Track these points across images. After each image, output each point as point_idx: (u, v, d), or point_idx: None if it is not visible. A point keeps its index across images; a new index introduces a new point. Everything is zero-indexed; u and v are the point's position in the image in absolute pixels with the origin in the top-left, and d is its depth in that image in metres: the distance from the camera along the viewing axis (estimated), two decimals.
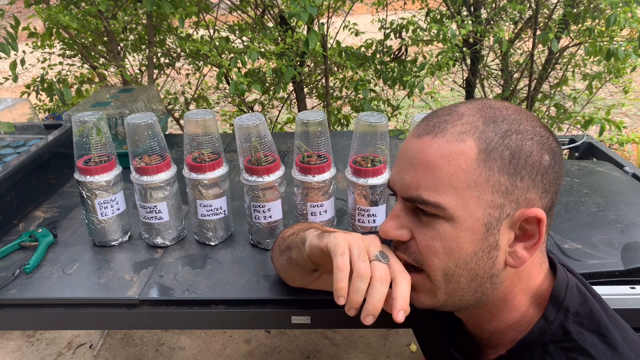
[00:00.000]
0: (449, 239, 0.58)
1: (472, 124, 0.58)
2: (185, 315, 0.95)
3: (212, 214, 1.08)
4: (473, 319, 0.69)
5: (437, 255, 0.59)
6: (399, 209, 0.63)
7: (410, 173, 0.60)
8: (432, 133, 0.59)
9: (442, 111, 0.62)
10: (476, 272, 0.60)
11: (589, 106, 2.54)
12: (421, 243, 0.60)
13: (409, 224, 0.62)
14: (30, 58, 2.11)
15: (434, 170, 0.57)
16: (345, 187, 1.10)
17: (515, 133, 0.58)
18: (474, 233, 0.58)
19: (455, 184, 0.56)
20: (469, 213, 0.57)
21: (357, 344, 2.09)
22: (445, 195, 0.57)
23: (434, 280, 0.61)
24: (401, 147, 0.64)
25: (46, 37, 2.10)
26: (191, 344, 2.12)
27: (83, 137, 1.05)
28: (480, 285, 0.61)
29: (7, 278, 1.01)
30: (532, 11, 2.17)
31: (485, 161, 0.56)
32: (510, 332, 0.64)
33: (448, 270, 0.60)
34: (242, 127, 1.00)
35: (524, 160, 0.57)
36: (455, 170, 0.56)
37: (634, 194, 1.28)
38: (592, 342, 0.58)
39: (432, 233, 0.59)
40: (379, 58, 2.22)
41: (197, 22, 2.34)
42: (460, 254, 0.58)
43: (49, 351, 2.09)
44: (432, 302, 0.63)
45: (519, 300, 0.64)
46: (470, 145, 0.56)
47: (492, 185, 0.56)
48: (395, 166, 0.64)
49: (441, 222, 0.58)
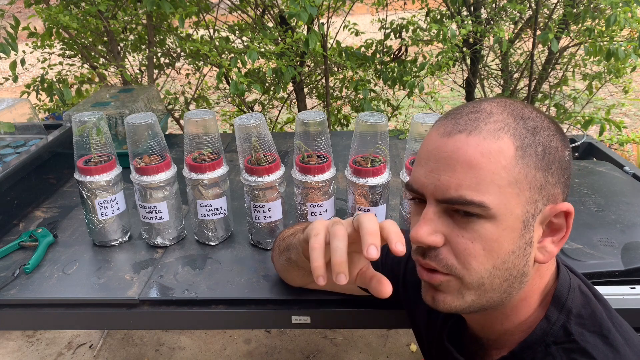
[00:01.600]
0: (491, 239, 0.56)
1: (504, 121, 0.57)
2: (185, 315, 0.95)
3: (212, 214, 1.08)
4: (484, 321, 0.67)
5: (477, 258, 0.57)
6: (431, 212, 0.59)
7: (447, 173, 0.57)
8: (465, 131, 0.57)
9: (467, 109, 0.60)
10: (511, 272, 0.58)
11: (589, 106, 2.54)
12: (459, 247, 0.57)
13: (443, 228, 0.58)
14: (30, 58, 2.11)
15: (475, 168, 0.55)
16: (345, 187, 1.10)
17: (542, 129, 0.58)
18: (514, 231, 0.57)
19: (498, 181, 0.55)
20: (509, 211, 0.56)
21: (357, 344, 2.09)
22: (489, 194, 0.55)
23: (467, 282, 0.59)
24: (426, 147, 0.61)
25: (46, 37, 2.10)
26: (191, 344, 2.12)
27: (83, 137, 1.05)
28: (510, 285, 0.59)
29: (7, 278, 1.01)
30: (532, 11, 2.17)
31: (522, 158, 0.56)
32: (517, 332, 0.64)
33: (485, 272, 0.58)
34: (242, 127, 1.00)
35: (552, 156, 0.58)
36: (497, 168, 0.55)
37: (634, 194, 1.28)
38: (594, 343, 0.58)
39: (472, 235, 0.57)
40: (379, 58, 2.22)
41: (197, 22, 2.34)
42: (500, 254, 0.57)
43: (49, 351, 2.10)
44: (459, 303, 0.60)
45: (533, 300, 0.63)
46: (507, 142, 0.56)
47: (529, 181, 0.56)
48: (421, 168, 0.60)
49: (481, 222, 0.56)
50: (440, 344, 0.73)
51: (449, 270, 0.59)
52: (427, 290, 0.63)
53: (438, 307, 0.62)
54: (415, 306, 0.81)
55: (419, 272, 0.63)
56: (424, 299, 0.64)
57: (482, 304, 0.60)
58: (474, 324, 0.70)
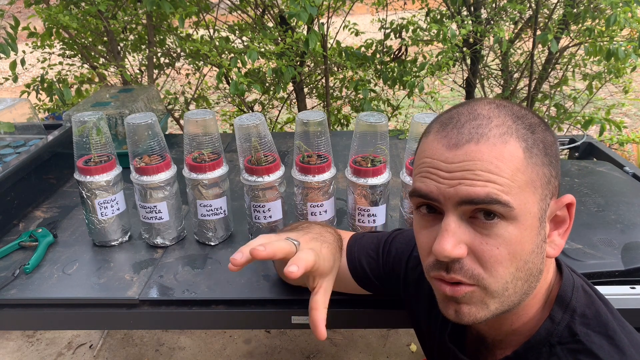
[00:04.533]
0: (515, 241, 0.56)
1: (505, 124, 0.57)
2: (185, 315, 0.95)
3: (212, 214, 1.08)
4: (493, 322, 0.64)
5: (502, 263, 0.56)
6: (452, 223, 0.56)
7: (469, 176, 0.55)
8: (472, 140, 0.56)
9: (465, 117, 0.58)
10: (531, 271, 0.58)
11: (589, 106, 2.54)
12: (485, 255, 0.56)
13: (465, 237, 0.56)
14: (30, 58, 2.11)
15: (493, 172, 0.55)
16: (345, 187, 1.10)
17: (536, 126, 0.58)
18: (533, 230, 0.57)
19: (517, 183, 0.55)
20: (528, 210, 0.56)
21: (357, 344, 2.09)
22: (511, 195, 0.55)
23: (492, 291, 0.57)
24: (431, 159, 0.59)
25: (46, 37, 2.10)
26: (191, 344, 2.12)
27: (83, 137, 1.05)
28: (530, 286, 0.59)
29: (7, 278, 1.00)
30: (532, 11, 2.17)
31: (530, 157, 0.56)
32: (522, 332, 0.63)
33: (509, 276, 0.57)
34: (242, 127, 1.00)
35: (550, 150, 0.59)
36: (514, 171, 0.55)
37: (634, 194, 1.28)
38: (599, 344, 0.57)
39: (497, 241, 0.56)
40: (379, 58, 2.22)
41: (197, 22, 2.34)
42: (522, 255, 0.57)
43: (49, 351, 2.09)
44: (484, 314, 0.59)
45: (539, 299, 0.63)
46: (515, 145, 0.56)
47: (540, 178, 0.57)
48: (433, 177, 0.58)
49: (504, 225, 0.55)
50: (442, 343, 0.73)
51: (475, 280, 0.57)
52: (448, 304, 0.60)
53: (463, 321, 0.59)
54: (416, 305, 0.81)
55: (440, 287, 0.60)
56: (446, 314, 0.61)
57: (505, 309, 0.59)
58: (482, 324, 0.68)
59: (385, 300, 0.92)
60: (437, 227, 0.58)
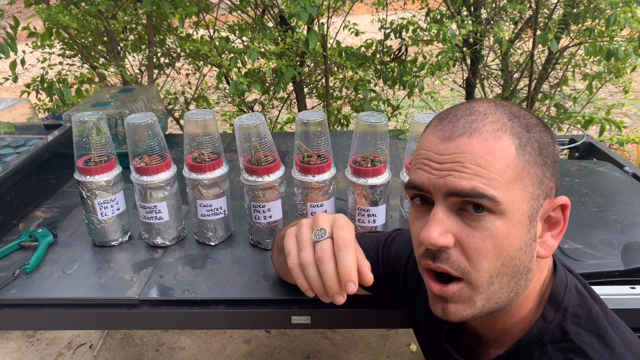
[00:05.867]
0: (501, 236, 0.56)
1: (499, 121, 0.58)
2: (185, 315, 0.95)
3: (212, 214, 1.08)
4: (487, 320, 0.66)
5: (487, 257, 0.57)
6: (440, 212, 0.58)
7: (457, 169, 0.56)
8: (465, 134, 0.57)
9: (461, 112, 0.60)
10: (518, 269, 0.59)
11: (589, 106, 2.54)
12: (471, 247, 0.57)
13: (453, 227, 0.58)
14: (30, 58, 2.11)
15: (483, 166, 0.55)
16: (345, 187, 1.10)
17: (534, 126, 0.59)
18: (521, 227, 0.57)
19: (505, 178, 0.56)
20: (517, 207, 0.56)
21: (357, 344, 2.09)
22: (499, 190, 0.55)
23: (477, 285, 0.58)
24: (426, 151, 0.60)
25: (46, 37, 2.10)
26: (191, 344, 2.12)
27: (83, 137, 1.05)
28: (517, 283, 0.60)
29: (7, 278, 1.01)
30: (532, 11, 2.17)
31: (523, 155, 0.57)
32: (515, 331, 0.64)
33: (494, 271, 0.57)
34: (242, 127, 1.00)
35: (546, 150, 0.59)
36: (503, 167, 0.56)
37: (634, 194, 1.28)
38: (590, 343, 0.58)
39: (483, 234, 0.56)
40: (379, 58, 2.22)
41: (197, 22, 2.34)
42: (509, 251, 0.57)
43: (49, 351, 2.09)
44: (470, 311, 0.60)
45: (533, 298, 0.63)
46: (507, 141, 0.56)
47: (531, 177, 0.57)
48: (425, 168, 0.59)
49: (492, 219, 0.56)
50: (439, 343, 0.73)
51: (460, 272, 0.58)
52: (437, 302, 0.62)
53: (449, 318, 0.61)
54: (415, 305, 0.81)
55: (429, 285, 0.62)
56: (434, 310, 0.63)
57: (492, 306, 0.60)
58: (476, 322, 0.69)
59: (385, 300, 0.92)
60: (428, 218, 0.59)
